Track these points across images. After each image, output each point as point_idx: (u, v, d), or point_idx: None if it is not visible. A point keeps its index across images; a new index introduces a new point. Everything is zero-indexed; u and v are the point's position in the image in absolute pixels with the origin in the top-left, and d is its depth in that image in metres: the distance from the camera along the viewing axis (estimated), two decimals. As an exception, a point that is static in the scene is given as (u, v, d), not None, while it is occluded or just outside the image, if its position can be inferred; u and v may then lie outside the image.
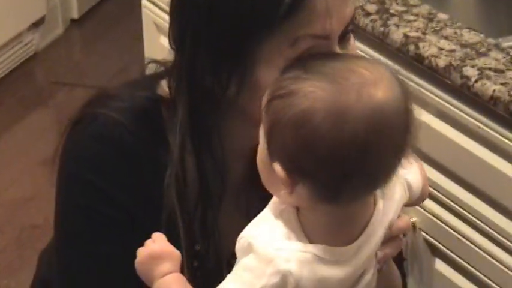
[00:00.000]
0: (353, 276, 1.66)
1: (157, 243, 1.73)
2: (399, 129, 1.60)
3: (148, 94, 1.87)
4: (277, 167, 1.59)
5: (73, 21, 5.18)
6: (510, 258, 2.08)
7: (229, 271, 1.68)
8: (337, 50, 1.71)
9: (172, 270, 1.71)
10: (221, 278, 1.68)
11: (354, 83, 1.56)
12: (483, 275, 2.13)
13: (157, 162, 1.84)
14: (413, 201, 1.79)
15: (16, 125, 4.49)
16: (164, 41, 2.67)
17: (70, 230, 1.93)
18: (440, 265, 2.22)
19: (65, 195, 1.92)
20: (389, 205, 1.69)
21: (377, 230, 1.67)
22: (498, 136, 2.04)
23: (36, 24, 4.91)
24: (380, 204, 1.67)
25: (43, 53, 4.96)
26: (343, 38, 1.72)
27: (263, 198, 1.73)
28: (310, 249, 1.61)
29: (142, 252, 1.72)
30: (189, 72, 1.79)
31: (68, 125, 1.90)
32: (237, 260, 1.66)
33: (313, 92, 1.56)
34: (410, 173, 1.75)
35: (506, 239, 2.06)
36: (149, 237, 1.75)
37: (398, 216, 1.72)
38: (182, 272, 1.76)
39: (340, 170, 1.57)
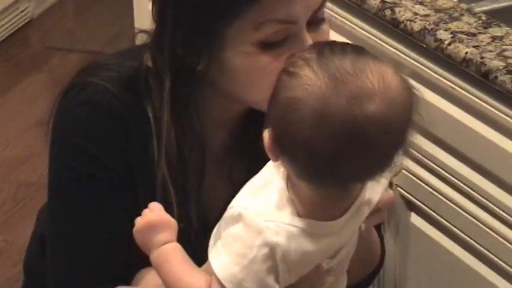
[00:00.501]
0: (336, 247, 1.67)
1: (155, 212, 1.72)
2: (381, 146, 1.58)
3: (136, 64, 1.87)
4: (266, 134, 1.61)
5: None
6: (481, 212, 2.08)
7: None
8: (306, 36, 1.70)
9: (169, 239, 1.71)
10: (206, 243, 1.71)
11: (350, 90, 1.54)
12: (457, 228, 2.13)
13: (143, 129, 1.84)
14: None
15: (12, 89, 4.50)
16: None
17: (62, 192, 1.93)
18: (415, 219, 2.22)
19: (57, 159, 1.92)
20: (377, 188, 1.70)
21: (362, 208, 1.68)
22: (470, 96, 2.03)
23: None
24: (367, 186, 1.68)
25: (38, 20, 4.96)
26: (313, 25, 1.72)
27: (246, 167, 1.76)
28: (298, 224, 1.61)
29: (139, 222, 1.71)
30: (167, 45, 1.79)
31: (59, 93, 1.89)
32: (222, 225, 1.67)
33: (311, 85, 1.56)
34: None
35: (478, 194, 2.07)
36: (142, 202, 1.76)
37: None
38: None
39: (314, 163, 1.58)
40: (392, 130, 1.57)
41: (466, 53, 2.01)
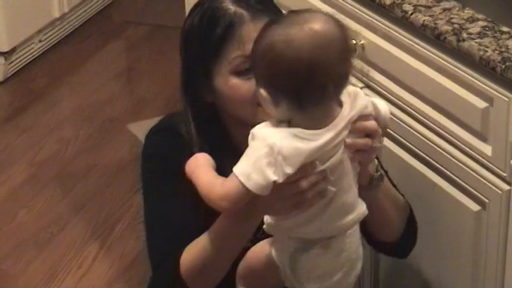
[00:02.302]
0: (323, 149, 1.65)
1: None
2: (337, 50, 1.63)
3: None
4: (261, 90, 1.64)
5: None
6: (427, 131, 2.09)
7: None
8: None
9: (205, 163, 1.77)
10: None
11: (298, 23, 1.62)
12: (419, 150, 2.12)
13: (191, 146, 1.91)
14: (381, 126, 1.75)
15: (98, 51, 4.48)
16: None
17: (149, 191, 1.99)
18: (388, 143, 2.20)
19: (146, 168, 2.01)
20: (354, 106, 1.68)
21: (341, 122, 1.66)
22: (427, 52, 2.02)
23: (113, -18, 4.87)
24: (347, 104, 1.68)
25: (117, 1, 4.92)
26: None
27: None
28: (288, 130, 1.63)
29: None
30: (185, 90, 1.94)
31: (146, 136, 2.04)
32: None
33: (273, 31, 1.63)
34: (380, 102, 1.76)
35: (433, 123, 2.06)
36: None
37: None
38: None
39: (296, 83, 1.61)
40: (338, 38, 1.64)
41: (424, 20, 1.99)
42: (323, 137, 1.64)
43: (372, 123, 1.70)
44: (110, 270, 2.97)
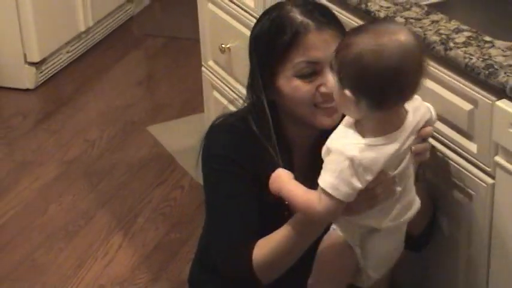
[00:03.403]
0: (395, 155, 1.71)
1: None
2: (417, 60, 1.68)
3: (246, 109, 2.01)
4: (347, 92, 1.67)
5: (156, -4, 5.16)
6: None
7: None
8: (327, 72, 1.83)
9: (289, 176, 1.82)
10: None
11: (386, 33, 1.66)
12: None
13: (256, 145, 1.94)
14: (431, 125, 1.82)
15: (120, 60, 4.47)
16: None
17: (213, 188, 1.98)
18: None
19: (208, 166, 1.99)
20: (416, 114, 1.74)
21: (408, 127, 1.72)
22: (431, 70, 1.97)
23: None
24: (410, 113, 1.73)
25: (137, 16, 4.93)
26: None
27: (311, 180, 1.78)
28: (363, 141, 1.68)
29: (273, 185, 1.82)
30: (252, 88, 1.96)
31: (208, 130, 2.02)
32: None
33: (362, 41, 1.66)
34: (431, 107, 1.82)
35: None
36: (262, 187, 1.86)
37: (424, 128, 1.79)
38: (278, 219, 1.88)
39: (381, 87, 1.65)
40: (418, 49, 1.69)
41: (414, 31, 1.97)
42: (393, 143, 1.71)
43: (430, 130, 1.80)
44: (132, 258, 2.97)
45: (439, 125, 1.98)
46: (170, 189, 3.34)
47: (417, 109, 1.76)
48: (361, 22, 2.12)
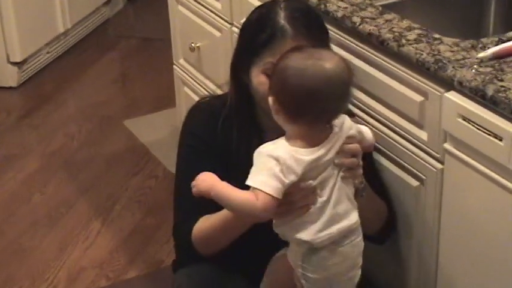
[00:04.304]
0: (314, 165, 1.68)
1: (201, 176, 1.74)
2: (340, 88, 1.66)
3: (223, 95, 2.04)
4: (270, 99, 1.68)
5: (128, 0, 5.10)
6: (374, 121, 2.06)
7: None
8: None
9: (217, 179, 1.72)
10: None
11: (316, 58, 1.66)
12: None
13: (225, 124, 1.94)
14: (365, 148, 1.79)
15: (96, 61, 4.43)
16: None
17: (181, 161, 1.99)
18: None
19: (181, 143, 2.00)
20: (341, 130, 1.71)
21: (332, 142, 1.69)
22: (372, 55, 2.02)
23: (107, 3, 4.81)
24: (335, 128, 1.70)
25: (112, 19, 4.89)
26: None
27: None
28: (290, 149, 1.66)
29: (197, 187, 1.73)
30: (233, 69, 1.95)
31: (191, 106, 2.04)
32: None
33: (292, 57, 1.67)
34: (364, 128, 1.80)
35: (371, 110, 2.02)
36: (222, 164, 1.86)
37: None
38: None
39: (296, 104, 1.65)
40: (343, 80, 1.66)
41: (370, 30, 1.99)
42: (316, 153, 1.67)
43: (356, 146, 1.74)
44: (111, 242, 2.96)
45: (393, 116, 2.00)
46: (145, 178, 3.32)
47: (342, 125, 1.72)
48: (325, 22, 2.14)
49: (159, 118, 3.74)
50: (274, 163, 1.63)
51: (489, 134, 1.71)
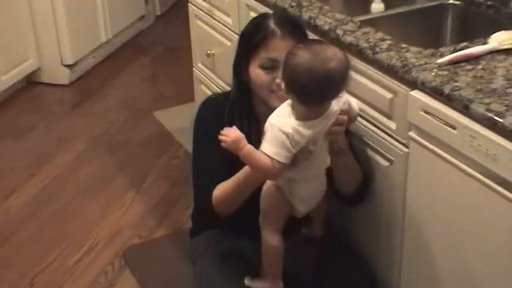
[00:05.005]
0: (316, 135, 1.71)
1: (232, 133, 1.71)
2: (340, 80, 1.67)
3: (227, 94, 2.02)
4: (283, 84, 1.68)
5: (158, 16, 5.07)
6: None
7: None
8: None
9: (246, 143, 1.71)
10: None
11: (321, 57, 1.64)
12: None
13: (232, 116, 1.94)
14: (350, 118, 1.81)
15: (130, 64, 4.42)
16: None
17: (196, 146, 1.99)
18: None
19: (195, 130, 2.00)
20: (337, 104, 1.73)
21: (329, 115, 1.71)
22: (354, 62, 1.97)
23: (141, 18, 4.80)
24: (333, 103, 1.71)
25: (144, 31, 4.87)
26: None
27: None
28: (296, 123, 1.68)
29: (227, 140, 1.71)
30: (235, 70, 1.95)
31: (203, 101, 2.03)
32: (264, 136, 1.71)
33: (302, 56, 1.65)
34: (353, 100, 1.81)
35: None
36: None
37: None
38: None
39: (306, 91, 1.66)
40: (344, 74, 1.67)
41: (350, 40, 1.97)
42: (317, 127, 1.70)
43: (343, 118, 1.76)
44: (142, 208, 2.95)
45: (369, 109, 1.98)
46: (169, 158, 3.31)
47: (339, 100, 1.74)
48: (312, 34, 2.11)
49: (181, 110, 3.72)
50: (285, 137, 1.67)
51: (445, 124, 1.70)
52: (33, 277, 2.60)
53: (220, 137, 1.71)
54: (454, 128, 1.68)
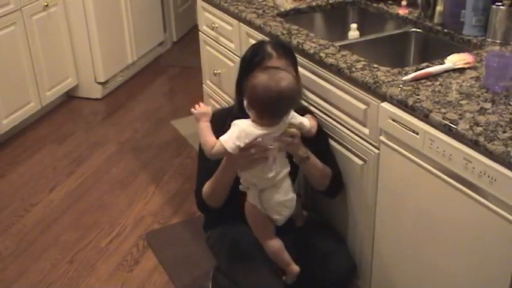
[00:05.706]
0: (263, 137, 1.67)
1: (202, 108, 1.72)
2: (290, 99, 1.64)
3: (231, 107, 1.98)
4: (245, 100, 1.65)
5: (174, 42, 5.04)
6: (333, 121, 2.00)
7: None
8: None
9: (206, 120, 1.71)
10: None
11: (275, 78, 1.62)
12: (327, 130, 2.06)
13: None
14: (304, 132, 1.76)
15: (150, 84, 4.38)
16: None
17: (200, 150, 1.89)
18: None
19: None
20: (286, 119, 1.69)
21: (278, 126, 1.68)
22: (333, 79, 1.96)
23: (160, 44, 4.77)
24: (284, 118, 1.69)
25: (163, 54, 4.85)
26: None
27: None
28: (249, 124, 1.66)
29: (195, 111, 1.72)
30: (237, 87, 1.90)
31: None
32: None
33: (260, 77, 1.65)
34: (304, 119, 1.75)
35: (331, 114, 1.99)
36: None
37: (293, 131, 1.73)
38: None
39: (261, 108, 1.63)
40: (294, 93, 1.65)
41: (331, 61, 1.96)
42: (268, 130, 1.68)
43: (293, 130, 1.73)
44: (161, 200, 2.94)
45: (346, 117, 1.97)
46: (184, 158, 3.29)
47: (288, 117, 1.72)
48: (300, 56, 2.10)
49: (193, 119, 3.62)
50: (238, 131, 1.65)
51: (409, 130, 1.69)
52: (73, 256, 2.59)
53: (193, 107, 1.73)
54: (417, 133, 1.67)
